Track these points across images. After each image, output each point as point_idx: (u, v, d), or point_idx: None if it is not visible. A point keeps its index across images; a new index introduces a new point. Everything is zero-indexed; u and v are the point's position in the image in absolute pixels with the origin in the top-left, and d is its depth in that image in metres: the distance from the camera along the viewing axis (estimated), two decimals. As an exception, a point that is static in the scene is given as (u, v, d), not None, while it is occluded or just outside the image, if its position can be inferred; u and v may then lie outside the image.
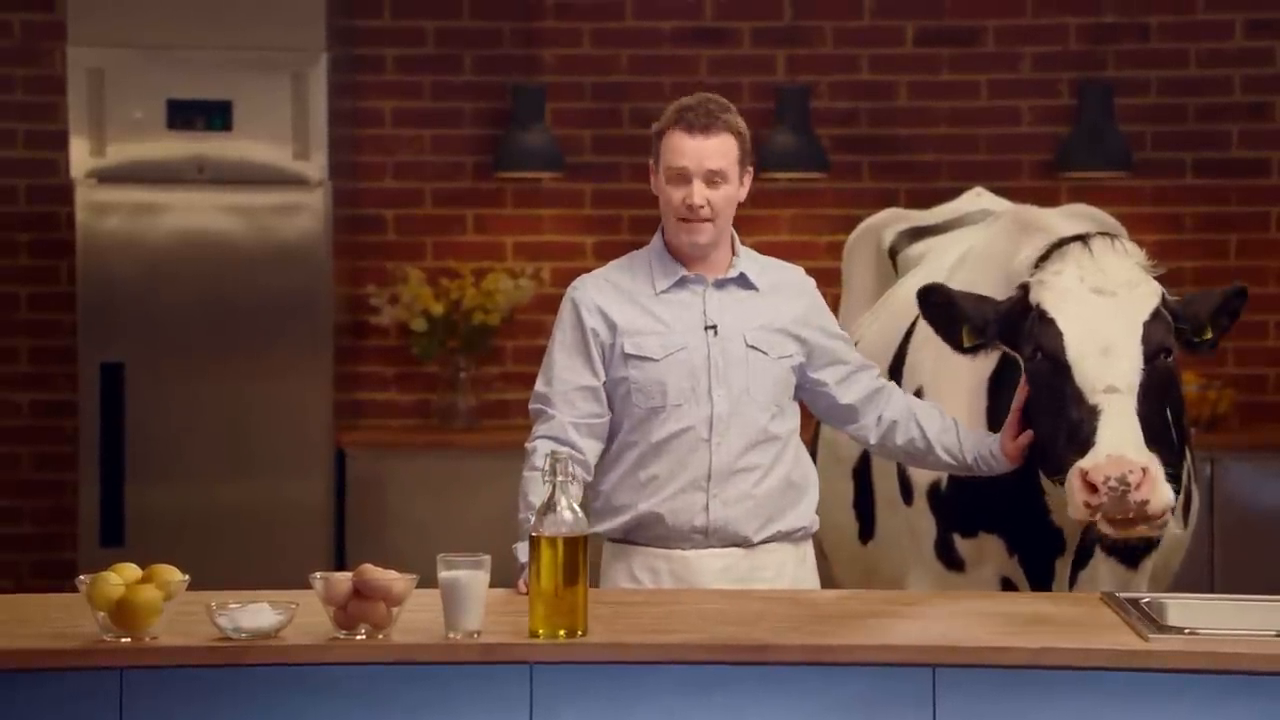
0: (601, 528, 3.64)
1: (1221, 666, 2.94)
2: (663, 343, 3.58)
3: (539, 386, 3.62)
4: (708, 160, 3.54)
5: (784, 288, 3.67)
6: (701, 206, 3.55)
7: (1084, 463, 3.50)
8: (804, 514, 3.67)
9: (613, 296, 3.62)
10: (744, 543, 3.60)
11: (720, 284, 3.62)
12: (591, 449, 3.59)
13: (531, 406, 3.64)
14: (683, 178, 3.56)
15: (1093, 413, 3.56)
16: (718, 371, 3.57)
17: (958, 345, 3.78)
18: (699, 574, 3.59)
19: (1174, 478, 3.67)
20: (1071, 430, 3.57)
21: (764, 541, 3.61)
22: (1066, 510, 3.59)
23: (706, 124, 3.56)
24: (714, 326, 3.58)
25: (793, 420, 3.68)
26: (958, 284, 3.88)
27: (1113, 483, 3.46)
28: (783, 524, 3.63)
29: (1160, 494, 3.48)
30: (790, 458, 3.65)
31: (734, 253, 3.65)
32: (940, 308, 3.77)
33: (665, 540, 3.60)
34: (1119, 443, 3.51)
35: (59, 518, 6.83)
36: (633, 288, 3.61)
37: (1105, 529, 3.55)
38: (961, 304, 3.77)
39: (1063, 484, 3.58)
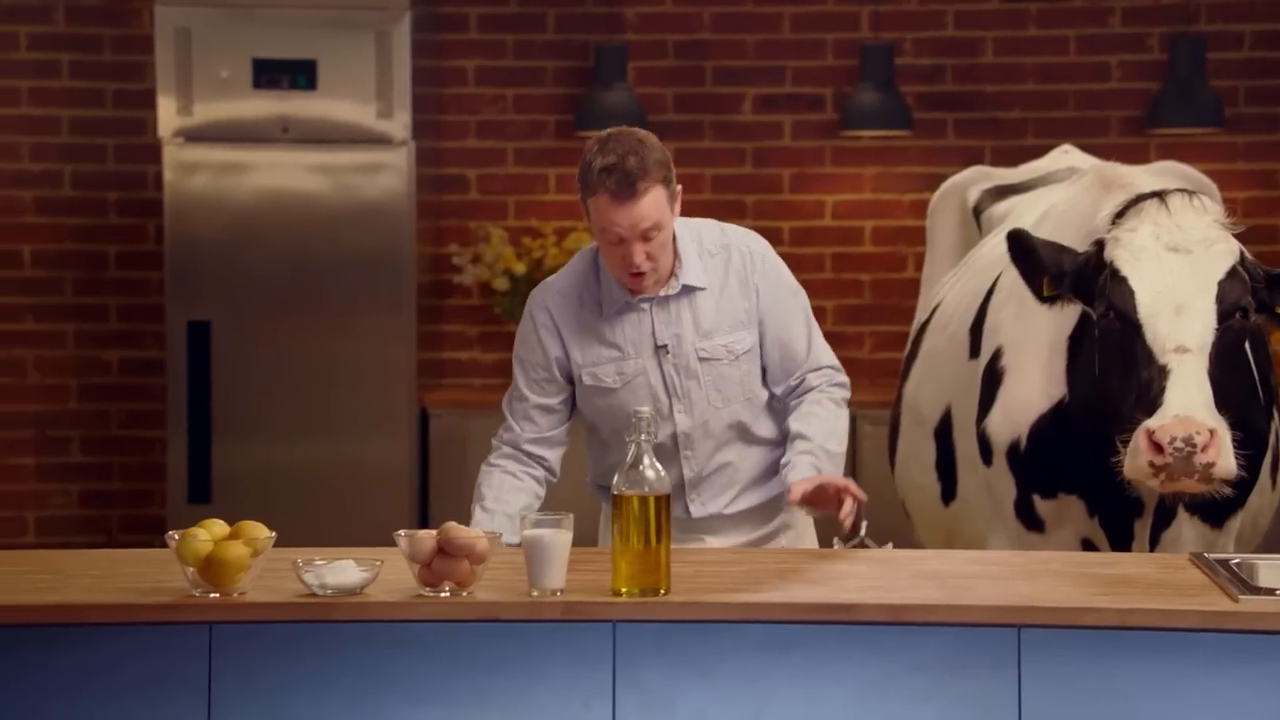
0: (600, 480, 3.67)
1: (1311, 629, 2.91)
2: (619, 369, 3.58)
3: (506, 398, 3.66)
4: (641, 223, 3.47)
5: (735, 270, 3.61)
6: (642, 268, 3.51)
7: (1151, 422, 3.47)
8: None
9: (569, 316, 3.60)
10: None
11: (663, 301, 3.58)
12: (554, 454, 3.64)
13: (503, 407, 3.67)
14: (619, 240, 3.49)
15: (1162, 373, 3.53)
16: (675, 390, 3.58)
17: (1038, 294, 3.76)
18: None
19: (1253, 440, 3.61)
20: (1141, 390, 3.54)
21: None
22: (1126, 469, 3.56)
23: (631, 190, 3.45)
24: (664, 346, 3.58)
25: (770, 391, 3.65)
26: (1039, 241, 3.85)
27: (1179, 443, 3.43)
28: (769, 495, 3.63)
29: (1227, 459, 3.44)
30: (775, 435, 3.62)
31: (677, 258, 3.57)
32: (1024, 254, 3.75)
33: None
34: (1187, 403, 3.47)
35: (148, 474, 6.91)
36: (584, 307, 3.60)
37: (1151, 483, 3.52)
38: (1041, 252, 3.75)
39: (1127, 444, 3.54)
